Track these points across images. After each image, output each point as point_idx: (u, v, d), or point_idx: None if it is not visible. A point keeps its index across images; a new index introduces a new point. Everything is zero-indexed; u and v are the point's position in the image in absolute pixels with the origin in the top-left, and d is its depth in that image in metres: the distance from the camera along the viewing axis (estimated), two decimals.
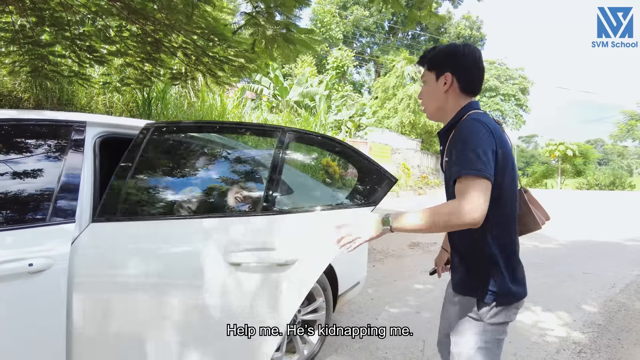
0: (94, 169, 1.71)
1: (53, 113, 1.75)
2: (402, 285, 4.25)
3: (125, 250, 1.49)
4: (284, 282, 1.36)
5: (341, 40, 31.72)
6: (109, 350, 1.44)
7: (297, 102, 17.78)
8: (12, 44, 6.04)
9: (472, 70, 1.33)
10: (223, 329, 1.38)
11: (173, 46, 6.62)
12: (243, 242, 1.44)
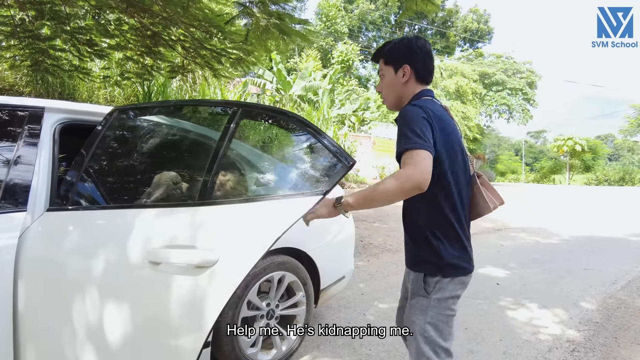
0: (52, 157, 1.63)
1: (10, 98, 1.67)
2: (395, 281, 4.15)
3: (68, 241, 1.41)
4: (202, 286, 1.22)
5: (346, 34, 31.46)
6: (51, 341, 1.36)
7: (300, 96, 17.65)
8: (12, 37, 6.01)
9: (426, 61, 1.45)
10: (143, 332, 1.27)
11: (172, 39, 6.57)
12: (165, 237, 1.31)
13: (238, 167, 1.46)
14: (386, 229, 6.88)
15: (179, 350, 1.19)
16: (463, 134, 22.90)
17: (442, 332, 1.37)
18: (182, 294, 1.21)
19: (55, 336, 1.34)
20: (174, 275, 1.23)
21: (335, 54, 28.16)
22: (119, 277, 1.29)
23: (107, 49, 7.27)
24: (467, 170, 1.45)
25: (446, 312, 1.37)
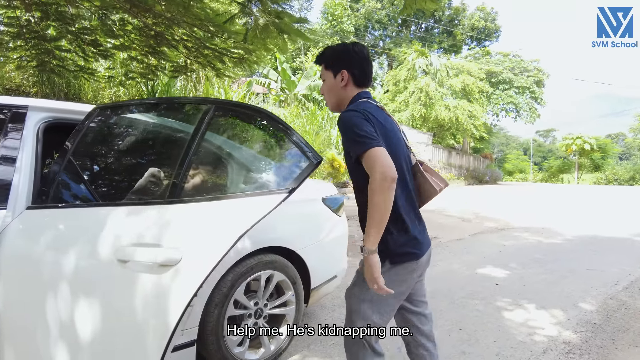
0: (34, 155, 1.63)
1: None
2: None
3: (44, 238, 1.42)
4: (166, 284, 1.21)
5: (352, 34, 31.35)
6: (27, 338, 1.36)
7: (305, 95, 17.64)
8: (18, 38, 6.09)
9: (363, 66, 1.55)
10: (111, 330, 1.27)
11: (175, 39, 6.60)
12: (133, 235, 1.31)
13: (207, 165, 1.45)
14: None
15: (146, 348, 1.18)
16: (469, 132, 22.72)
17: (380, 310, 1.48)
18: (147, 292, 1.21)
19: (31, 333, 1.35)
20: (140, 273, 1.22)
21: None
22: (90, 274, 1.29)
23: (112, 49, 7.33)
24: (409, 161, 1.57)
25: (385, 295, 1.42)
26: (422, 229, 1.54)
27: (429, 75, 21.96)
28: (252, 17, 5.08)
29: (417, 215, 1.53)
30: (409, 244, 1.45)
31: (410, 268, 1.48)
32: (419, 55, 22.36)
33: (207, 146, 1.39)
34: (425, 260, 1.55)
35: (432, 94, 21.29)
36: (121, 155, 1.68)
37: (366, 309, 1.48)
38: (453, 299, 3.63)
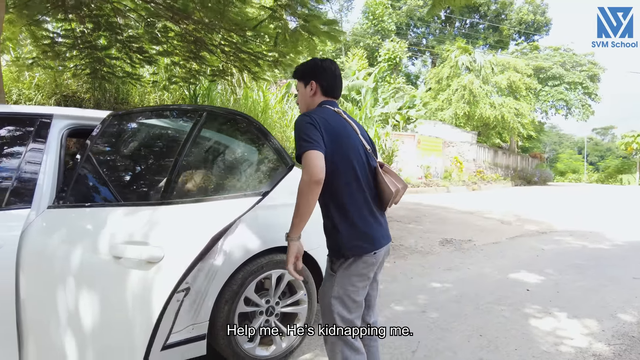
0: (58, 159, 1.78)
1: (24, 107, 1.84)
2: (417, 283, 4.06)
3: (58, 235, 1.55)
4: (149, 280, 1.30)
5: (394, 32, 30.94)
6: (44, 327, 1.49)
7: (343, 95, 17.63)
8: (74, 49, 6.55)
9: (329, 78, 1.73)
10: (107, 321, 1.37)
11: (213, 44, 6.83)
12: (126, 234, 1.40)
13: (194, 168, 1.53)
14: (420, 230, 6.72)
15: (134, 340, 1.27)
16: (516, 131, 21.76)
17: (346, 304, 1.62)
18: (134, 286, 1.30)
19: (45, 322, 1.48)
20: (129, 269, 1.32)
21: (382, 52, 27.83)
22: (92, 269, 1.41)
23: (156, 55, 7.72)
24: (367, 163, 1.68)
25: (349, 288, 1.62)
26: (377, 226, 1.66)
27: (473, 73, 21.25)
28: (282, 21, 5.17)
29: (371, 213, 1.65)
30: (359, 239, 1.59)
31: (368, 262, 1.61)
32: (462, 52, 21.69)
33: (196, 151, 1.47)
34: (381, 256, 1.68)
35: (476, 91, 20.59)
36: (126, 159, 1.80)
37: (335, 304, 1.63)
38: (479, 303, 3.52)
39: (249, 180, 1.32)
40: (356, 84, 16.78)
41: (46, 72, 7.50)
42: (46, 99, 7.69)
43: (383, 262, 1.76)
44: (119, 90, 9.72)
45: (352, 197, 1.59)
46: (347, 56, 27.19)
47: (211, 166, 1.54)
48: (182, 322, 2.01)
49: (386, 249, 1.72)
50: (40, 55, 6.60)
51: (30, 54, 6.80)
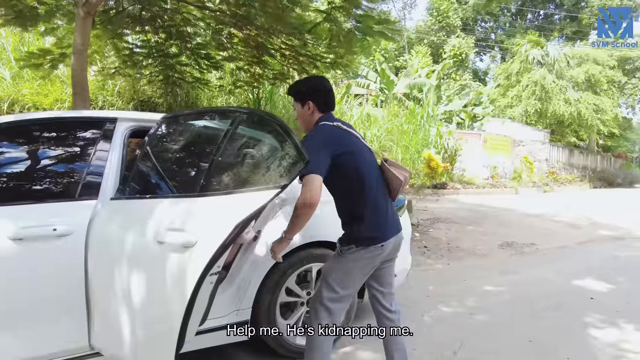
0: (120, 157, 2.01)
1: (93, 112, 2.11)
2: (469, 285, 3.94)
3: (115, 223, 1.77)
4: (184, 263, 1.45)
5: (459, 28, 29.75)
6: (105, 302, 1.72)
7: (406, 94, 17.36)
8: (149, 57, 7.17)
9: (324, 96, 1.88)
10: (152, 299, 1.54)
11: (274, 48, 7.11)
12: (169, 221, 1.56)
13: (227, 164, 1.67)
14: (479, 233, 6.48)
15: (172, 312, 1.45)
16: (595, 129, 19.95)
17: (343, 283, 1.81)
18: (173, 267, 1.47)
19: (106, 299, 1.70)
20: (169, 252, 1.50)
21: (447, 49, 26.94)
22: (141, 252, 1.60)
23: (222, 61, 8.18)
24: (375, 162, 1.90)
25: (347, 271, 1.80)
26: (387, 220, 1.84)
27: (545, 67, 19.80)
28: (336, 23, 5.26)
29: (383, 208, 1.83)
30: (369, 232, 1.77)
31: (375, 252, 1.78)
32: (533, 45, 20.28)
33: (229, 149, 1.62)
34: (388, 248, 1.82)
35: (548, 87, 19.16)
36: (173, 156, 2.00)
37: (329, 281, 1.82)
38: (533, 309, 3.35)
39: (272, 174, 1.44)
40: (418, 82, 16.44)
41: (126, 80, 8.24)
42: (126, 104, 8.45)
43: (394, 252, 1.94)
44: (189, 95, 10.36)
45: (366, 197, 1.77)
46: (410, 54, 26.68)
47: (241, 162, 1.69)
48: (227, 307, 2.17)
49: (395, 240, 1.88)
50: (121, 65, 7.30)
51: (113, 64, 7.52)
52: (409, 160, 12.39)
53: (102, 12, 5.93)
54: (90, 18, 4.50)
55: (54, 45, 6.09)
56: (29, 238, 1.66)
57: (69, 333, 1.75)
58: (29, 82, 6.92)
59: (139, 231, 1.61)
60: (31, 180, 1.91)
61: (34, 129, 1.98)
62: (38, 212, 1.76)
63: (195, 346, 2.07)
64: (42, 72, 6.12)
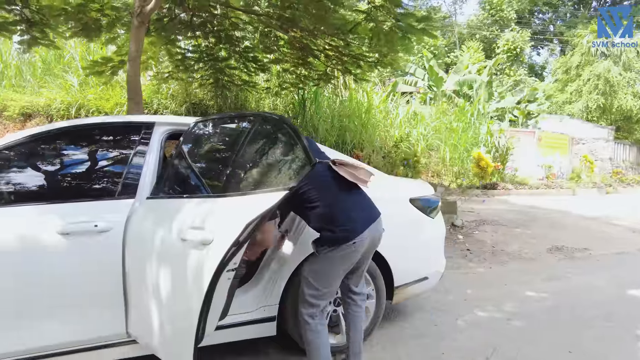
0: (157, 158, 2.15)
1: (133, 116, 2.26)
2: (509, 290, 3.77)
3: (148, 220, 1.89)
4: (202, 259, 1.53)
5: (514, 21, 28.25)
6: (139, 293, 1.85)
7: (456, 91, 16.81)
8: (200, 61, 7.51)
9: None
10: (174, 293, 1.63)
11: (318, 50, 7.19)
12: (191, 220, 1.65)
13: (244, 167, 1.73)
14: (527, 236, 6.16)
15: (192, 307, 1.53)
16: None
17: (321, 280, 1.94)
18: (193, 263, 1.56)
19: (139, 289, 1.83)
20: (190, 248, 1.59)
21: (500, 43, 25.72)
22: (168, 248, 1.71)
23: (269, 63, 8.39)
24: (328, 168, 1.96)
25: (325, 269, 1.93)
26: (356, 215, 1.93)
27: (610, 59, 18.32)
28: (377, 22, 5.21)
29: (351, 206, 1.94)
30: (339, 231, 1.86)
31: (347, 250, 1.86)
32: (595, 36, 18.85)
33: (247, 151, 1.68)
34: (366, 241, 1.92)
35: (614, 80, 17.71)
36: (201, 159, 2.10)
37: (308, 278, 1.97)
38: (578, 317, 3.15)
39: (283, 176, 1.48)
40: (468, 79, 15.84)
41: (179, 84, 8.65)
42: (179, 107, 8.86)
43: (374, 244, 2.03)
44: (238, 97, 10.67)
45: (325, 198, 1.88)
46: (461, 50, 25.78)
47: (256, 165, 1.75)
48: (254, 303, 2.25)
49: (371, 233, 1.94)
50: (174, 70, 7.69)
51: (166, 69, 7.94)
52: (458, 159, 12.01)
53: (156, 20, 6.28)
54: (143, 27, 4.78)
55: (114, 53, 6.54)
56: (75, 233, 1.83)
57: (108, 321, 1.90)
58: (93, 88, 7.49)
59: (167, 229, 1.72)
60: (77, 180, 2.10)
61: (80, 134, 2.17)
62: (82, 209, 1.92)
63: (222, 339, 2.17)
64: (104, 79, 6.59)
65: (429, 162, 12.14)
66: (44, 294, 1.81)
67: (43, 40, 5.57)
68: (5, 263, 1.75)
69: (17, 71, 7.86)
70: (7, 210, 1.85)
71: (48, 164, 2.08)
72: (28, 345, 1.78)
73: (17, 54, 7.77)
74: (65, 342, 1.84)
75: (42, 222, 1.81)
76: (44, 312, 1.82)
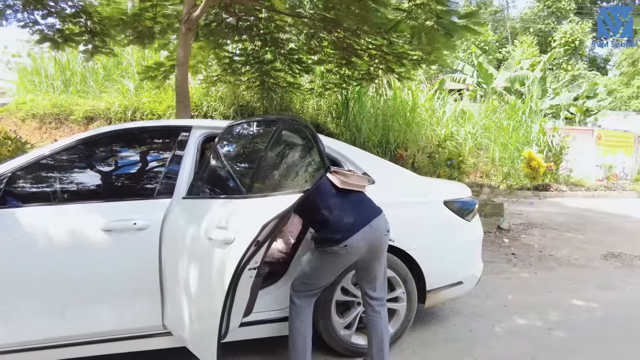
0: (194, 160, 2.25)
1: (171, 120, 2.38)
2: (554, 298, 3.56)
3: (182, 219, 1.99)
4: (225, 257, 1.59)
5: (573, 11, 26.46)
6: (173, 287, 1.96)
7: (507, 88, 16.08)
8: (247, 65, 7.75)
9: None
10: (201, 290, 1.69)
11: (361, 49, 7.18)
12: (217, 220, 1.72)
13: (267, 169, 1.77)
14: (579, 240, 5.78)
15: (215, 303, 1.59)
16: None
17: (311, 274, 2.05)
18: (217, 262, 1.62)
19: (173, 285, 1.93)
20: (215, 247, 1.66)
21: (556, 36, 24.23)
22: (196, 246, 1.79)
23: (313, 65, 8.48)
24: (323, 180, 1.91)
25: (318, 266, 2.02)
26: (348, 221, 1.93)
27: None
28: (418, 20, 5.10)
29: (349, 208, 1.97)
30: (331, 234, 1.91)
31: (339, 252, 1.91)
32: None
33: (270, 154, 1.73)
34: (361, 243, 1.93)
35: None
36: (231, 161, 2.17)
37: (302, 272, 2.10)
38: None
39: (300, 179, 1.51)
40: (519, 75, 15.05)
41: (227, 86, 8.95)
42: (227, 109, 9.15)
43: (375, 247, 2.02)
44: (283, 99, 10.83)
45: (321, 202, 1.91)
46: (513, 45, 24.59)
47: (277, 167, 1.78)
48: (284, 301, 2.30)
49: (367, 236, 1.94)
50: (222, 73, 7.96)
51: (215, 72, 8.24)
52: (508, 159, 11.48)
53: (205, 26, 6.54)
54: (191, 33, 4.99)
55: (166, 59, 6.89)
56: (116, 230, 1.97)
57: (146, 313, 2.02)
58: (147, 92, 7.93)
59: (197, 227, 1.81)
60: (119, 181, 2.26)
61: (123, 138, 2.33)
62: (124, 208, 2.06)
63: (250, 336, 2.25)
64: (157, 83, 6.96)
65: (478, 162, 11.69)
66: (89, 285, 1.96)
67: (103, 48, 5.98)
68: (56, 256, 1.92)
69: (81, 78, 8.52)
70: (58, 208, 2.02)
71: (93, 166, 2.25)
72: (75, 331, 1.94)
73: (82, 62, 8.43)
74: (107, 330, 1.98)
75: (88, 220, 1.96)
76: (89, 303, 1.98)
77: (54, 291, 1.93)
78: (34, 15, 5.21)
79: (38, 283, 1.92)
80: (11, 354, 1.86)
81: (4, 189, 1.93)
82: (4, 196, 1.92)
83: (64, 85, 8.57)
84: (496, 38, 25.63)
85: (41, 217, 1.97)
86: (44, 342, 1.91)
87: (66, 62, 8.67)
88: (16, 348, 1.87)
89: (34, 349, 1.90)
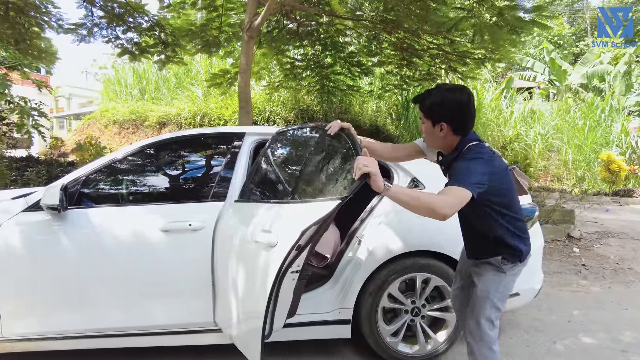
0: (246, 165, 2.34)
1: (226, 127, 2.50)
2: (630, 316, 3.20)
3: (233, 221, 2.07)
4: (268, 260, 1.61)
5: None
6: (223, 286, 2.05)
7: (583, 85, 14.77)
8: (307, 69, 7.90)
9: (461, 117, 1.57)
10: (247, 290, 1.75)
11: (421, 49, 7.03)
12: (262, 223, 1.76)
13: (308, 176, 1.79)
14: None
15: (259, 305, 1.63)
16: None
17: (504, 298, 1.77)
18: (261, 263, 1.66)
19: (224, 283, 2.02)
20: (260, 249, 1.70)
21: None
22: (243, 247, 1.86)
23: (372, 67, 8.42)
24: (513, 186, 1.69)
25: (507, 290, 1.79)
26: None
27: None
28: (480, 18, 4.85)
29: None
30: (527, 245, 1.78)
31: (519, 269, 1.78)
32: None
33: (312, 161, 1.74)
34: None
35: None
36: (277, 167, 2.21)
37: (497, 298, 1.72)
38: None
39: (340, 185, 1.51)
40: (598, 70, 13.72)
41: (288, 92, 9.17)
42: (288, 113, 9.37)
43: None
44: (343, 102, 10.85)
45: (516, 212, 1.67)
46: (594, 37, 22.45)
47: (318, 173, 1.80)
48: (330, 304, 2.31)
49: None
50: (283, 78, 8.17)
51: (277, 78, 8.48)
52: (583, 162, 10.54)
53: (267, 33, 6.75)
54: (252, 40, 5.18)
55: (231, 66, 7.21)
56: (173, 230, 2.10)
57: (199, 309, 2.14)
58: (214, 98, 8.36)
59: (245, 230, 1.88)
60: (177, 184, 2.41)
61: (181, 144, 2.49)
62: (180, 210, 2.19)
63: (296, 337, 2.29)
64: (222, 89, 7.31)
65: (548, 165, 10.87)
66: (149, 281, 2.12)
67: (174, 58, 6.41)
68: (121, 254, 2.10)
69: (155, 86, 9.23)
70: (122, 209, 2.22)
71: (154, 170, 2.43)
72: (137, 323, 2.12)
73: (156, 71, 9.13)
74: (164, 324, 2.13)
75: (148, 220, 2.12)
76: (149, 297, 2.14)
77: (119, 286, 2.12)
78: (116, 31, 5.74)
79: (107, 278, 2.12)
80: (84, 339, 2.10)
81: (80, 190, 2.14)
82: (79, 197, 2.14)
83: (140, 93, 9.35)
84: (572, 30, 23.56)
85: (108, 217, 2.16)
86: (112, 331, 2.12)
87: (142, 72, 9.45)
88: (89, 334, 2.10)
89: (103, 335, 2.10)
